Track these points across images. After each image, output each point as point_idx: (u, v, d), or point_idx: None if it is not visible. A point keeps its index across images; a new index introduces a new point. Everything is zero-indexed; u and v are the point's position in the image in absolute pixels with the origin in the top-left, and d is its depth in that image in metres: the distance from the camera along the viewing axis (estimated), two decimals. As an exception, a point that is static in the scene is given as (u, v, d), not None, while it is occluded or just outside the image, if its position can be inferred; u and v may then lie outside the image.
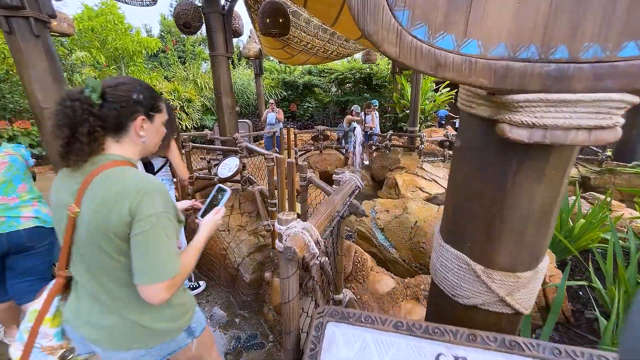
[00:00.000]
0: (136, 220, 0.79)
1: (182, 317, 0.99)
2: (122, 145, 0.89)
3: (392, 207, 3.10)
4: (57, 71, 2.95)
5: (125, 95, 0.85)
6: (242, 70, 12.71)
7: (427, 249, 2.47)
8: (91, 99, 0.81)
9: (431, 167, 5.15)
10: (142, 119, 0.89)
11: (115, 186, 0.81)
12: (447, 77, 0.59)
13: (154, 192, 0.82)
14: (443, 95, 9.84)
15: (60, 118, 0.81)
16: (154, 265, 0.80)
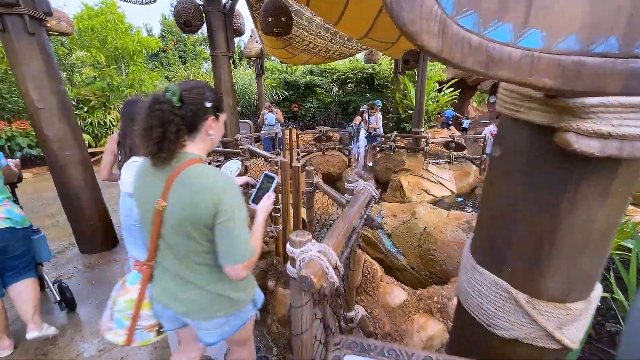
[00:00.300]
0: (220, 211, 0.92)
1: (250, 288, 1.17)
2: (195, 144, 1.01)
3: (400, 212, 2.99)
4: (53, 70, 2.84)
5: (199, 98, 0.96)
6: (243, 70, 12.60)
7: (437, 257, 2.37)
8: (172, 101, 0.92)
9: (436, 169, 5.05)
10: (212, 119, 1.00)
11: (201, 182, 0.93)
12: (500, 76, 0.48)
13: (230, 186, 0.96)
14: (446, 96, 9.72)
15: (153, 120, 0.92)
16: (235, 249, 0.95)
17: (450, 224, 2.53)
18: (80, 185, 3.05)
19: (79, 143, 3.03)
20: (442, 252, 2.36)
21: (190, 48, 13.69)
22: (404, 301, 1.79)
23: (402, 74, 9.85)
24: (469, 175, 5.05)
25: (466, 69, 0.49)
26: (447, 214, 2.80)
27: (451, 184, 4.94)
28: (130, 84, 8.65)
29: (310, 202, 1.86)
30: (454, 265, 2.27)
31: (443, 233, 2.44)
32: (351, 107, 12.63)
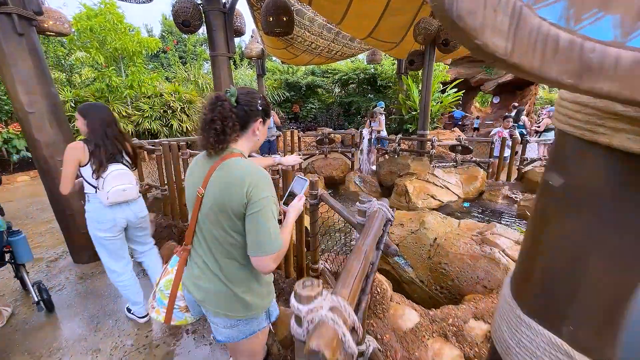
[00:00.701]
0: (251, 202, 0.97)
1: (267, 297, 1.18)
2: (242, 141, 1.11)
3: (408, 221, 2.84)
4: (43, 72, 2.71)
5: (253, 102, 1.08)
6: (244, 70, 12.48)
7: (449, 271, 2.22)
8: (231, 101, 1.04)
9: (442, 172, 4.89)
10: (260, 121, 1.11)
11: (236, 173, 1.00)
12: (600, 90, 0.34)
13: (264, 179, 1.01)
14: (450, 97, 9.55)
15: (216, 114, 1.02)
16: (265, 240, 0.97)
17: (462, 235, 2.38)
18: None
19: (71, 148, 2.89)
20: (454, 266, 2.21)
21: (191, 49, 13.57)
22: (416, 324, 1.65)
23: (405, 75, 9.70)
24: (476, 179, 4.90)
25: (547, 79, 0.35)
26: (458, 224, 2.65)
27: (458, 189, 4.79)
28: (129, 85, 8.53)
29: (315, 216, 1.71)
30: (467, 281, 2.12)
31: (455, 245, 2.29)
32: (353, 108, 12.49)
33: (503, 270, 2.02)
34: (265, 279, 1.17)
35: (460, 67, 14.17)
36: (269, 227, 0.97)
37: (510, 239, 2.22)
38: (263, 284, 1.16)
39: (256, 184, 0.98)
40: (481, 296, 1.93)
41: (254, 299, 1.12)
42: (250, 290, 1.11)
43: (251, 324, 1.14)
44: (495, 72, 13.13)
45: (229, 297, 1.09)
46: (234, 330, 1.13)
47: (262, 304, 1.14)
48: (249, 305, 1.10)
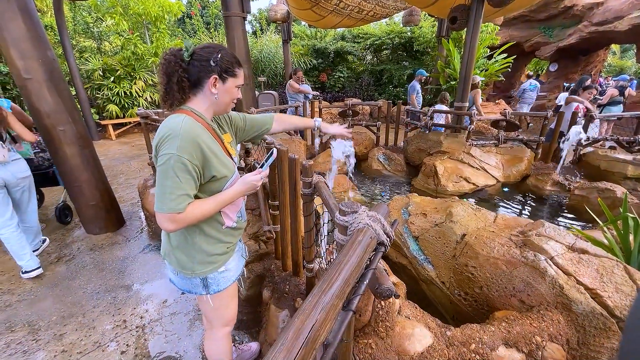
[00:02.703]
0: (158, 156, 0.99)
1: (202, 265, 1.15)
2: (198, 99, 1.07)
3: (432, 210, 2.43)
4: (39, 35, 2.51)
5: (205, 57, 1.02)
6: (269, 36, 11.87)
7: (477, 277, 1.83)
8: (183, 56, 1.01)
9: (481, 152, 4.27)
10: (215, 78, 1.04)
11: (162, 126, 1.01)
12: None
13: (173, 136, 0.95)
14: (497, 63, 8.36)
15: (161, 68, 1.03)
16: (159, 197, 0.96)
17: (498, 234, 1.94)
18: (77, 164, 2.84)
19: (73, 118, 2.77)
20: (484, 271, 1.82)
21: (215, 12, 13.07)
22: (427, 348, 1.33)
23: (446, 38, 8.57)
24: (522, 160, 4.22)
25: None
26: (494, 218, 2.19)
27: (497, 171, 4.17)
28: (154, 52, 8.42)
29: (309, 208, 1.39)
30: (499, 291, 1.73)
31: (488, 246, 1.87)
32: (385, 77, 11.53)
33: (549, 284, 1.59)
34: (201, 246, 1.13)
35: (512, 29, 12.36)
36: (165, 186, 0.94)
37: (562, 244, 1.75)
38: (196, 249, 1.13)
39: (164, 139, 0.96)
40: (516, 315, 1.54)
41: (184, 259, 1.13)
42: (181, 249, 1.13)
43: (185, 280, 1.18)
44: (556, 34, 11.27)
45: (166, 246, 1.17)
46: (174, 275, 1.20)
47: (192, 267, 1.14)
48: (179, 262, 1.14)
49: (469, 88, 4.60)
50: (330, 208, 1.08)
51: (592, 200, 3.34)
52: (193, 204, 0.99)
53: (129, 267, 2.68)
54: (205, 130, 1.05)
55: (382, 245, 0.62)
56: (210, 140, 1.05)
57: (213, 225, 1.14)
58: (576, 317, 1.49)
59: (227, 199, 1.09)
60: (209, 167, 1.02)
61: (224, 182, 1.10)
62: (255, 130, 1.41)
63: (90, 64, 8.06)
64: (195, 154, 0.97)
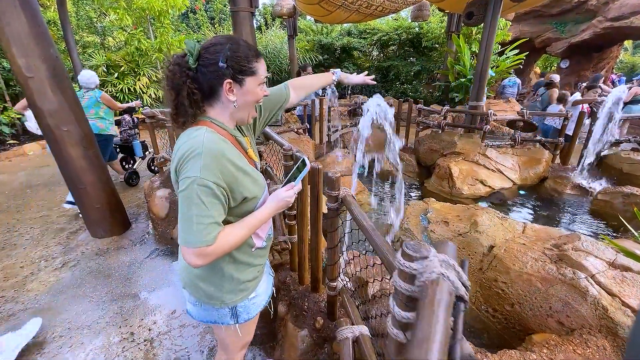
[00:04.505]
0: (179, 180, 0.83)
1: (231, 293, 1.01)
2: (215, 109, 0.91)
3: (454, 219, 2.30)
4: (41, 32, 2.39)
5: (212, 59, 0.84)
6: (274, 31, 11.68)
7: (509, 294, 1.71)
8: (189, 62, 0.84)
9: (496, 153, 4.12)
10: (229, 83, 0.86)
11: (178, 144, 0.86)
12: None
13: (196, 156, 0.80)
14: (509, 60, 8.14)
15: (167, 82, 0.87)
16: (185, 228, 0.81)
17: (529, 247, 1.82)
18: (82, 166, 2.73)
19: (77, 118, 2.66)
20: (516, 288, 1.69)
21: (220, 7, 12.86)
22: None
23: (456, 33, 8.35)
24: (540, 162, 4.06)
25: None
26: (522, 228, 2.06)
27: (513, 173, 4.02)
28: (158, 48, 8.29)
29: (334, 224, 1.27)
30: (534, 310, 1.61)
31: (520, 260, 1.74)
32: (392, 74, 11.32)
33: (591, 305, 1.46)
34: (232, 274, 0.99)
35: (522, 24, 12.06)
36: (189, 215, 0.79)
37: (602, 260, 1.62)
38: (226, 278, 0.99)
39: (186, 160, 0.81)
40: (557, 339, 1.42)
41: (211, 289, 0.99)
42: (207, 279, 0.99)
43: (210, 312, 1.04)
44: (568, 30, 10.98)
45: (187, 275, 1.02)
46: (195, 308, 1.06)
47: (221, 297, 1.00)
48: (205, 293, 1.00)
49: (484, 86, 4.43)
50: (365, 227, 0.96)
51: (617, 206, 3.19)
52: (223, 232, 0.84)
53: (135, 273, 2.59)
54: (229, 143, 0.90)
55: (461, 301, 0.50)
56: (236, 154, 0.90)
57: (243, 249, 1.00)
58: (623, 343, 1.37)
59: (260, 221, 0.94)
60: (239, 187, 0.87)
61: (255, 202, 0.96)
62: (272, 110, 1.20)
63: (94, 59, 7.95)
64: (222, 174, 0.82)
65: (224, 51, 0.84)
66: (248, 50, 0.88)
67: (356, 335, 1.12)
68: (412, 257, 0.52)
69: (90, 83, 3.60)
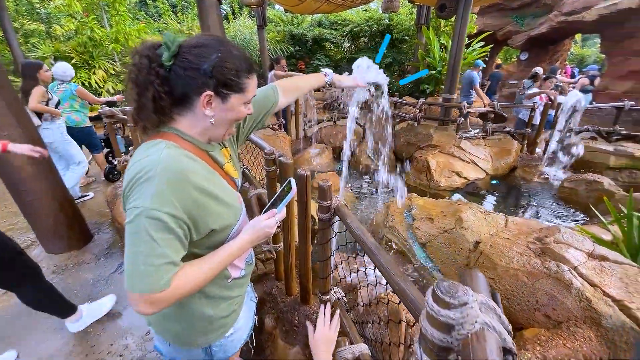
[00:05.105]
0: (126, 208, 0.67)
1: (203, 333, 0.88)
2: (187, 120, 0.75)
3: (438, 215, 2.30)
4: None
5: (194, 63, 0.68)
6: (243, 21, 11.19)
7: (497, 290, 1.72)
8: (163, 58, 0.68)
9: (470, 145, 4.23)
10: (208, 96, 0.71)
11: (131, 162, 0.70)
12: None
13: (154, 178, 0.64)
14: (475, 52, 8.41)
15: (129, 76, 0.71)
16: (130, 270, 0.64)
17: (514, 241, 1.84)
18: (29, 175, 2.39)
19: (19, 120, 2.32)
20: (504, 284, 1.71)
21: (182, -6, 12.07)
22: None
23: (425, 25, 8.46)
24: (510, 153, 4.24)
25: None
26: (504, 222, 2.09)
27: (486, 164, 4.16)
28: (114, 38, 7.60)
29: (326, 235, 1.17)
30: (521, 304, 1.63)
31: (506, 255, 1.76)
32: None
33: (575, 297, 1.50)
34: (204, 311, 0.84)
35: (486, 17, 12.52)
36: (136, 254, 0.63)
37: (582, 251, 1.68)
38: (197, 317, 0.84)
39: (135, 184, 0.65)
40: (547, 334, 1.45)
41: (180, 329, 0.85)
42: (174, 318, 0.84)
43: (181, 353, 0.91)
44: (527, 23, 11.55)
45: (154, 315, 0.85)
46: (164, 346, 0.92)
47: (192, 339, 0.87)
48: (173, 333, 0.87)
49: (457, 78, 4.51)
50: (368, 245, 0.86)
51: (581, 193, 3.39)
52: (182, 272, 0.68)
53: (101, 291, 2.34)
54: (197, 160, 0.74)
55: (510, 354, 0.42)
56: (205, 174, 0.74)
57: (217, 282, 0.84)
58: (606, 332, 1.42)
59: (232, 256, 0.78)
60: (205, 217, 0.72)
61: (228, 231, 0.81)
62: (258, 116, 1.04)
63: (39, 50, 7.13)
64: (182, 203, 0.66)
65: (212, 57, 0.69)
66: (241, 63, 0.73)
67: (356, 355, 1.04)
68: (448, 304, 0.43)
69: (66, 76, 3.56)
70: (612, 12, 8.58)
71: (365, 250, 0.85)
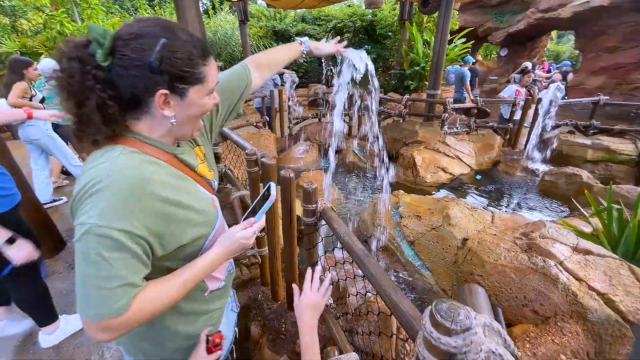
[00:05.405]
0: (74, 224, 0.57)
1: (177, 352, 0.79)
2: (144, 124, 0.65)
3: (426, 212, 2.28)
4: None
5: (136, 58, 0.57)
6: (224, 16, 10.89)
7: (485, 287, 1.72)
8: (97, 58, 0.56)
9: (454, 140, 4.27)
10: (163, 95, 0.60)
11: (82, 170, 0.61)
12: None
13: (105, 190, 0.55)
14: (457, 48, 8.52)
15: (59, 87, 0.58)
16: (82, 294, 0.56)
17: (501, 237, 1.84)
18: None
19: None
20: (492, 280, 1.71)
21: (159, -13, 11.62)
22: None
23: (409, 21, 8.49)
24: (493, 147, 4.30)
25: None
26: (491, 217, 2.10)
27: (471, 159, 4.21)
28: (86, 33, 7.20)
29: (312, 240, 1.11)
30: (509, 301, 1.64)
31: (494, 252, 1.76)
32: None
33: (562, 292, 1.51)
34: (177, 330, 0.76)
35: (467, 14, 12.70)
36: (86, 277, 0.55)
37: (567, 246, 1.70)
38: (169, 335, 0.77)
39: (83, 196, 0.57)
40: (536, 330, 1.45)
41: (150, 348, 0.78)
42: (143, 336, 0.76)
43: None
44: (506, 20, 11.81)
45: None
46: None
47: (164, 357, 0.79)
48: (144, 352, 0.79)
49: (441, 74, 4.53)
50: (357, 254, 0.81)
51: (561, 186, 3.48)
52: (145, 293, 0.60)
53: (75, 302, 2.19)
54: (163, 165, 0.66)
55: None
56: (173, 181, 0.65)
57: (192, 297, 0.75)
58: (592, 326, 1.43)
59: (204, 272, 0.70)
60: (173, 230, 0.63)
61: (201, 242, 0.73)
62: (232, 102, 0.92)
63: (3, 46, 6.68)
64: (140, 217, 0.57)
65: (156, 48, 0.57)
66: (192, 48, 0.62)
67: (346, 366, 0.99)
68: (449, 330, 0.38)
69: None
70: (585, 10, 8.87)
71: (353, 258, 0.80)
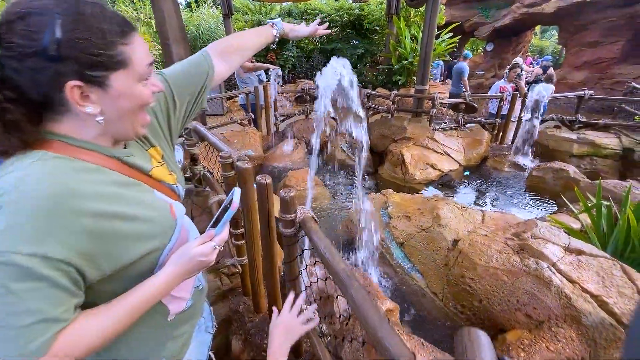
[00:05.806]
0: None
1: None
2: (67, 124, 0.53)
3: (415, 212, 2.21)
4: None
5: (27, 45, 0.44)
6: (207, 10, 10.55)
7: (477, 290, 1.66)
8: None
9: (443, 136, 4.22)
10: (74, 87, 0.48)
11: None
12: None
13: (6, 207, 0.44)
14: (444, 43, 8.49)
15: None
16: None
17: (492, 238, 1.78)
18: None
19: None
20: (484, 284, 1.65)
21: (137, -21, 11.13)
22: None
23: (396, 15, 8.39)
24: (481, 143, 4.28)
25: None
26: (481, 217, 2.04)
27: (459, 155, 4.17)
28: None
29: (292, 252, 1.01)
30: (501, 304, 1.58)
31: (485, 254, 1.70)
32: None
33: (555, 295, 1.46)
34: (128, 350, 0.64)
35: (453, 9, 12.71)
36: None
37: (559, 246, 1.65)
38: None
39: None
40: (530, 337, 1.39)
41: None
42: None
43: None
44: (492, 15, 11.88)
45: None
46: None
47: None
48: None
49: (429, 69, 4.46)
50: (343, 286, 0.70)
51: (548, 181, 3.47)
52: (75, 327, 0.49)
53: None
54: (103, 171, 0.55)
55: None
56: (111, 191, 0.54)
57: (150, 322, 0.65)
58: (586, 330, 1.38)
59: (154, 296, 0.58)
60: (108, 250, 0.52)
61: (154, 257, 0.61)
62: (193, 94, 0.79)
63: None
64: (62, 238, 0.46)
65: (50, 28, 0.44)
66: (105, 23, 0.49)
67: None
68: None
69: None
70: (568, 5, 8.98)
71: (334, 280, 0.70)
